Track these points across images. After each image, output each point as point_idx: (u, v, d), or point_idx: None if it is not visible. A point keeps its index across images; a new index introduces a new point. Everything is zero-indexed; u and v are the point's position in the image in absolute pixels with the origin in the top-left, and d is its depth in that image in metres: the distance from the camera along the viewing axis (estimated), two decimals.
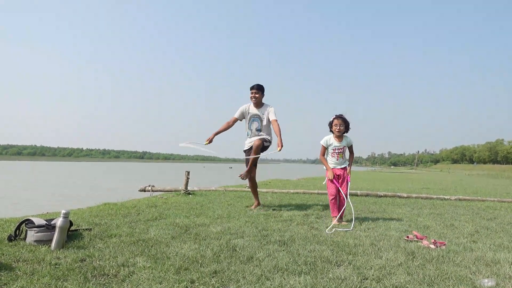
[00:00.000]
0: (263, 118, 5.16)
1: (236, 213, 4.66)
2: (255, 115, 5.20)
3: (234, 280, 2.20)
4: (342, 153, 4.41)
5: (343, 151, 4.40)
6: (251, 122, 5.20)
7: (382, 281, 2.26)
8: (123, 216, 4.18)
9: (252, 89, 5.19)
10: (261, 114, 5.18)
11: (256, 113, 5.20)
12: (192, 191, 7.12)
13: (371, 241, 3.30)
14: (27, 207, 8.99)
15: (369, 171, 57.14)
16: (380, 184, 13.28)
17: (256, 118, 5.19)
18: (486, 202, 7.24)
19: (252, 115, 5.21)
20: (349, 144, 4.46)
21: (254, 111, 5.22)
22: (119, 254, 2.62)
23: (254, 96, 5.17)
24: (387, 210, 5.48)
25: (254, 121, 5.19)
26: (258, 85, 5.21)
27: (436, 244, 3.22)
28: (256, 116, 5.19)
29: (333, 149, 4.40)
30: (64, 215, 2.80)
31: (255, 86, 5.19)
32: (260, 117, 5.18)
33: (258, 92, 5.17)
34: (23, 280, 2.07)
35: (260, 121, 5.17)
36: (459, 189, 11.94)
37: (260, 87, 5.20)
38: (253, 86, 5.21)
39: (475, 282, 2.28)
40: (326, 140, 4.45)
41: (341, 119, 4.34)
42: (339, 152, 4.39)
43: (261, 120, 5.17)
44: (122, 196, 7.32)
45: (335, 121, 4.36)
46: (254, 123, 5.18)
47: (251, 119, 5.21)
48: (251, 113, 5.22)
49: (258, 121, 5.17)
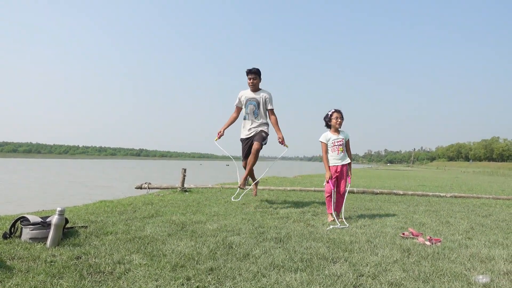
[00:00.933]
0: (260, 101, 5.12)
1: (233, 211, 4.66)
2: (251, 99, 5.15)
3: (230, 277, 2.21)
4: (342, 146, 4.37)
5: (342, 143, 4.37)
6: (247, 105, 5.15)
7: (377, 277, 2.27)
8: (119, 214, 4.17)
9: (249, 73, 5.08)
10: (257, 97, 5.13)
11: (252, 96, 5.15)
12: (189, 188, 7.12)
13: (367, 238, 3.31)
14: (22, 205, 8.95)
15: (365, 168, 57.30)
16: (376, 181, 13.33)
17: (253, 101, 5.13)
18: (481, 199, 7.29)
19: (248, 99, 5.16)
20: (346, 138, 4.43)
21: (250, 94, 5.17)
22: (115, 252, 2.62)
23: (252, 82, 5.10)
24: (383, 207, 5.50)
25: (250, 104, 5.14)
26: (256, 69, 5.10)
27: (431, 241, 3.24)
28: (253, 100, 5.14)
29: (333, 143, 4.35)
30: (59, 212, 2.78)
31: (253, 70, 5.08)
32: (256, 100, 5.13)
33: (256, 78, 5.11)
34: (18, 277, 2.06)
35: (257, 104, 5.12)
36: (454, 186, 12.00)
37: (257, 71, 5.11)
38: (250, 70, 5.08)
39: (470, 278, 2.30)
40: (325, 136, 4.42)
41: (340, 113, 4.36)
42: (339, 144, 4.35)
43: (257, 103, 5.12)
44: (118, 193, 7.30)
45: (335, 114, 4.35)
46: (251, 106, 5.13)
47: (247, 103, 5.15)
48: (248, 96, 5.17)
49: (254, 104, 5.12)
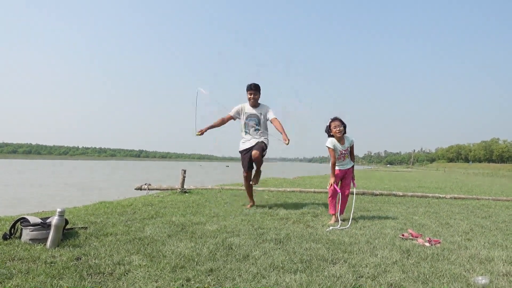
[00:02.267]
0: (261, 117, 5.16)
1: (233, 212, 4.66)
2: (252, 115, 5.17)
3: (230, 278, 2.21)
4: (348, 154, 4.39)
5: (348, 152, 4.38)
6: (248, 120, 5.17)
7: (377, 278, 2.28)
8: (119, 215, 4.17)
9: (249, 89, 5.14)
10: (258, 113, 5.17)
11: (253, 112, 5.18)
12: (189, 189, 7.12)
13: (367, 239, 3.31)
14: (22, 206, 8.94)
15: (365, 169, 57.29)
16: (376, 183, 13.33)
17: (254, 118, 5.16)
18: (481, 201, 7.29)
19: (249, 115, 5.17)
20: (351, 144, 4.40)
21: (250, 110, 5.19)
22: (114, 253, 2.62)
23: (253, 97, 5.14)
24: (382, 209, 5.50)
25: (251, 120, 5.16)
26: (255, 85, 5.16)
27: (431, 242, 3.24)
28: (254, 116, 5.17)
29: (340, 152, 4.31)
30: (59, 213, 2.79)
31: (252, 87, 5.14)
32: (257, 116, 5.16)
33: (256, 93, 5.16)
34: (18, 278, 2.06)
35: (258, 120, 5.15)
36: (454, 187, 12.01)
37: (257, 87, 5.17)
38: (250, 86, 5.15)
39: (469, 279, 2.30)
40: (332, 142, 4.29)
41: (338, 121, 4.27)
42: (345, 153, 4.35)
43: (258, 119, 5.15)
44: (118, 194, 7.30)
45: (333, 123, 4.27)
46: (251, 122, 5.15)
47: (248, 118, 5.17)
48: (248, 112, 5.18)
49: (255, 120, 5.15)
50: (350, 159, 4.45)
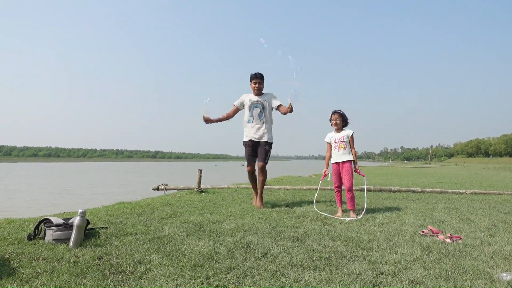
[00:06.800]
0: (265, 104, 5.12)
1: (249, 210, 4.67)
2: (256, 102, 5.13)
3: (249, 276, 2.22)
4: (343, 144, 4.64)
5: (343, 140, 4.64)
6: (252, 108, 5.13)
7: (397, 275, 2.25)
8: (138, 215, 4.24)
9: (254, 78, 5.11)
10: (262, 101, 5.13)
11: (257, 99, 5.15)
12: (205, 189, 7.17)
13: (386, 236, 3.28)
14: (45, 207, 9.18)
15: (382, 166, 56.55)
16: (393, 179, 13.14)
17: (258, 105, 5.12)
18: (503, 196, 7.11)
19: (253, 102, 5.14)
20: (349, 135, 4.68)
21: (255, 98, 5.16)
22: (135, 252, 2.66)
23: (258, 86, 5.12)
24: (401, 205, 5.43)
25: (256, 107, 5.11)
26: (260, 74, 5.14)
27: (452, 238, 3.18)
28: (258, 103, 5.13)
29: (335, 141, 4.73)
30: (81, 214, 2.85)
31: (258, 75, 5.11)
32: (262, 104, 5.12)
33: (261, 82, 5.14)
34: (44, 277, 2.12)
35: (263, 108, 5.11)
36: (474, 182, 11.73)
37: (262, 76, 5.15)
38: (255, 75, 5.12)
39: (493, 276, 2.25)
40: (328, 136, 4.85)
41: (337, 114, 4.69)
42: (341, 142, 4.66)
43: (263, 106, 5.11)
44: (136, 195, 7.41)
45: (333, 116, 4.74)
46: (256, 109, 5.11)
47: (252, 106, 5.13)
48: (252, 100, 5.15)
49: (260, 107, 5.11)
50: (347, 151, 4.63)
